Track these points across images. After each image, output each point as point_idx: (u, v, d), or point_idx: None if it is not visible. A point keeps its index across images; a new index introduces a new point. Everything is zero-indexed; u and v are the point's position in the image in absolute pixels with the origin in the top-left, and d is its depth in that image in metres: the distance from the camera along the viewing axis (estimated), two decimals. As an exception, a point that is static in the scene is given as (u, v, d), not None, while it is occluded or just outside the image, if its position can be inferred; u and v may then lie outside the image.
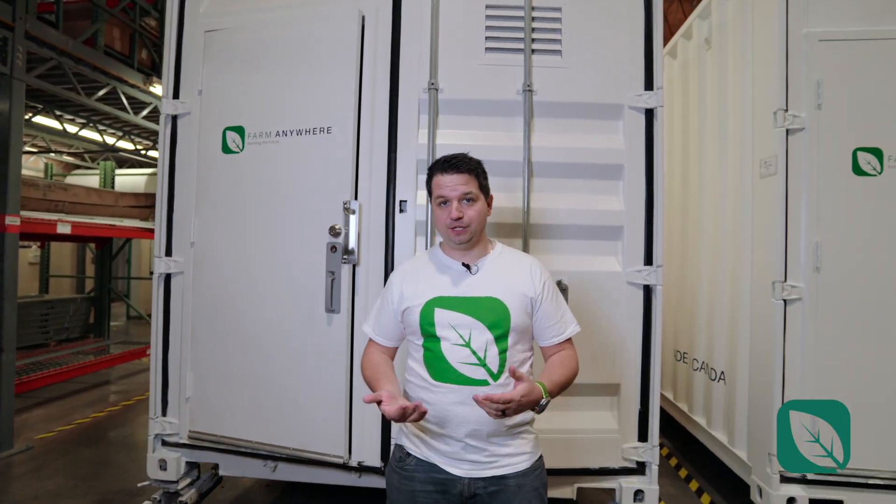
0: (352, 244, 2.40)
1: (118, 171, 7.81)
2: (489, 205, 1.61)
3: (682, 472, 3.49)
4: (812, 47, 2.54)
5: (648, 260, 2.44)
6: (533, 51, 2.45)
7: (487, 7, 2.48)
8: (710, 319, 3.23)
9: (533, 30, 2.46)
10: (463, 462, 1.49)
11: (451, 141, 2.44)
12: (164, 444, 2.65)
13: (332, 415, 2.40)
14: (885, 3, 2.54)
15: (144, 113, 5.67)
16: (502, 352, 1.48)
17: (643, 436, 2.42)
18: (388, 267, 2.43)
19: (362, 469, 2.42)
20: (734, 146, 3.01)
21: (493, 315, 1.49)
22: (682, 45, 3.81)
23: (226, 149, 2.59)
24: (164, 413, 2.64)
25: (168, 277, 2.67)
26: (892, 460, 2.45)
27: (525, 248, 2.36)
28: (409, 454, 1.56)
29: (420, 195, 2.44)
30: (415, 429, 1.54)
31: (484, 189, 1.58)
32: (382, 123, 2.45)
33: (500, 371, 1.47)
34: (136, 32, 5.18)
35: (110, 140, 7.00)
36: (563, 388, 1.50)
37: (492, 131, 2.48)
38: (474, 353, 1.48)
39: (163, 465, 2.62)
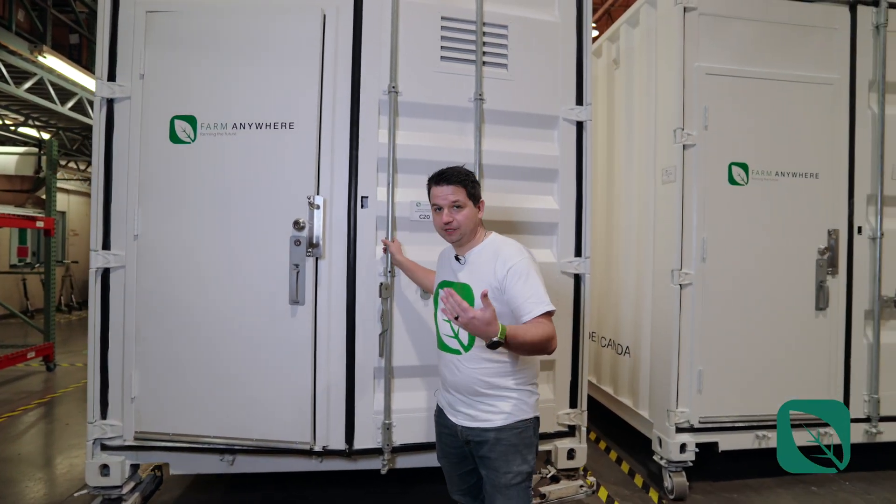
0: (316, 238, 2.47)
1: (-23, 149, 6.65)
2: (480, 208, 1.91)
3: (592, 435, 4.03)
4: (701, 79, 3.09)
5: (578, 252, 2.83)
6: (484, 63, 2.69)
7: (443, 18, 2.66)
8: (617, 303, 3.76)
9: (484, 43, 2.70)
10: (457, 413, 1.85)
11: (409, 141, 2.61)
12: (105, 448, 2.51)
13: (296, 403, 2.47)
14: (753, 49, 3.17)
15: (28, 85, 4.95)
16: None
17: (574, 403, 2.82)
18: (351, 260, 2.54)
19: (327, 453, 2.53)
20: (641, 155, 3.53)
21: (464, 298, 1.61)
22: (593, 61, 4.30)
23: (174, 138, 2.49)
24: (103, 416, 2.50)
25: (106, 272, 2.51)
26: (749, 407, 3.12)
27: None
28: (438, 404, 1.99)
29: (381, 191, 2.57)
30: (438, 384, 1.99)
31: (472, 196, 1.85)
32: (344, 121, 2.54)
33: (470, 345, 1.79)
34: (12, -9, 4.52)
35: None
36: (526, 343, 1.59)
37: (447, 134, 2.68)
38: (451, 328, 1.84)
39: (104, 470, 2.49)
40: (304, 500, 2.98)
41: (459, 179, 1.84)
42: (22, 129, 6.63)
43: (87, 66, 5.82)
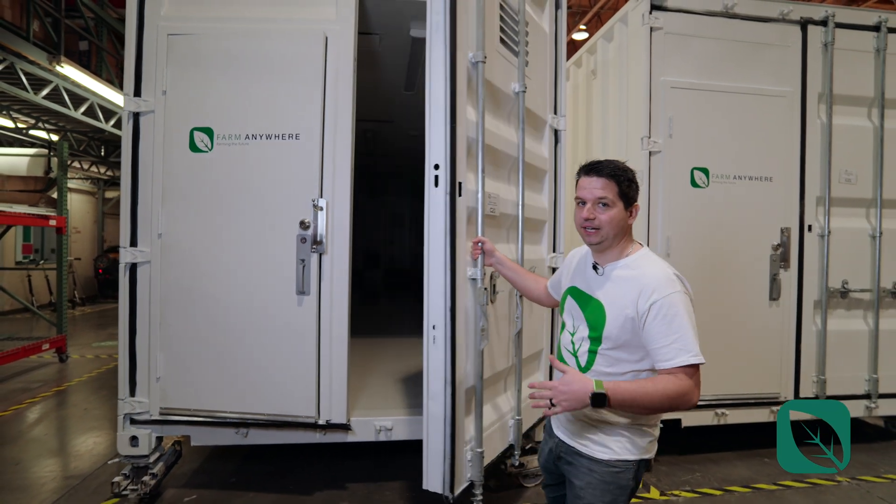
0: (320, 236, 2.80)
1: (-8, 151, 6.92)
2: (632, 213, 1.58)
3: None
4: (666, 91, 3.43)
5: (553, 248, 3.17)
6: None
7: (500, 7, 2.74)
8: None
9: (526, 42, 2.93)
10: (563, 426, 1.65)
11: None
12: (133, 422, 2.83)
13: (303, 381, 2.80)
14: (714, 65, 3.51)
15: (45, 92, 5.24)
16: (592, 352, 1.54)
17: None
18: (352, 255, 2.87)
19: (330, 427, 2.86)
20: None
21: (594, 317, 1.54)
22: (574, 71, 4.65)
23: (194, 147, 2.81)
24: (132, 394, 2.82)
25: (134, 267, 2.83)
26: (708, 388, 3.46)
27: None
28: None
29: (470, 178, 2.46)
30: None
31: (624, 196, 1.54)
32: (345, 133, 2.86)
33: (588, 367, 1.54)
34: (29, 2, 4.79)
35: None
36: (638, 401, 1.39)
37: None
38: (573, 342, 1.60)
39: (133, 441, 2.81)
40: (310, 468, 3.32)
41: (613, 173, 1.53)
42: (35, 132, 6.90)
43: (96, 71, 6.11)
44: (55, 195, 5.97)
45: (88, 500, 2.91)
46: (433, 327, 2.31)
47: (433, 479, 2.30)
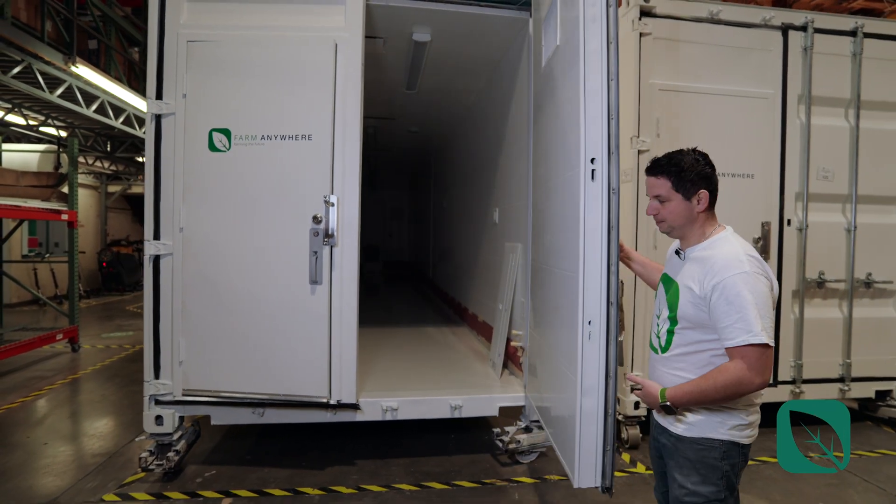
0: (331, 230, 3.01)
1: (5, 147, 7.09)
2: (699, 201, 1.62)
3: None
4: (654, 94, 3.64)
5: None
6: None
7: None
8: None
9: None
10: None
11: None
12: (157, 403, 3.05)
13: (315, 364, 3.03)
14: (700, 68, 3.72)
15: (59, 91, 5.42)
16: (670, 332, 1.65)
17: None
18: (361, 248, 3.09)
19: (340, 406, 3.09)
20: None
21: (673, 298, 1.64)
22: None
23: (212, 147, 3.01)
24: (156, 376, 3.04)
25: (157, 258, 3.04)
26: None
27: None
28: None
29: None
30: None
31: (682, 188, 1.60)
32: (354, 133, 3.06)
33: (667, 347, 1.65)
34: (43, 2, 4.95)
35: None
36: (699, 400, 1.52)
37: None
38: (658, 324, 1.73)
39: (158, 420, 3.04)
40: (321, 445, 3.55)
41: (663, 169, 1.63)
42: (44, 129, 7.06)
43: (105, 69, 6.28)
44: (65, 190, 6.16)
45: (117, 474, 3.13)
46: (589, 323, 2.21)
47: (586, 476, 2.20)
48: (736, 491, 1.61)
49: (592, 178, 2.26)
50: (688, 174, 1.60)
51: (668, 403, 1.54)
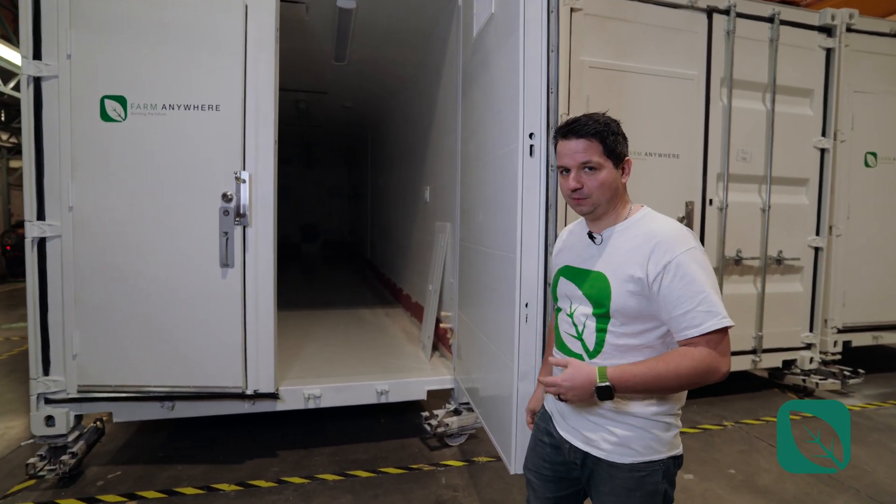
0: (243, 208, 2.78)
1: None
2: (625, 170, 1.38)
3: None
4: (585, 71, 3.60)
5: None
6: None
7: None
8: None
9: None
10: (570, 428, 1.42)
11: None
12: (49, 401, 2.75)
13: (229, 352, 2.82)
14: (629, 46, 3.71)
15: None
16: (600, 331, 1.34)
17: (474, 348, 3.34)
18: (275, 227, 2.88)
19: (258, 396, 2.91)
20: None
21: (595, 291, 1.35)
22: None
23: (105, 116, 2.69)
24: (46, 373, 2.74)
25: (42, 241, 2.70)
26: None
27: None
28: (544, 405, 1.57)
29: None
30: None
31: (612, 154, 1.33)
32: (268, 104, 2.83)
33: (598, 349, 1.34)
34: None
35: None
36: (649, 386, 1.25)
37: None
38: (574, 325, 1.40)
39: (49, 421, 2.74)
40: (242, 437, 3.36)
41: (595, 131, 1.32)
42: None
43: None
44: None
45: (2, 483, 2.81)
46: (525, 305, 2.13)
47: (520, 461, 2.06)
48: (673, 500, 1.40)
49: (531, 153, 2.15)
50: (618, 136, 1.34)
51: (609, 384, 1.24)
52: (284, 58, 3.01)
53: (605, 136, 1.32)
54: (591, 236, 1.41)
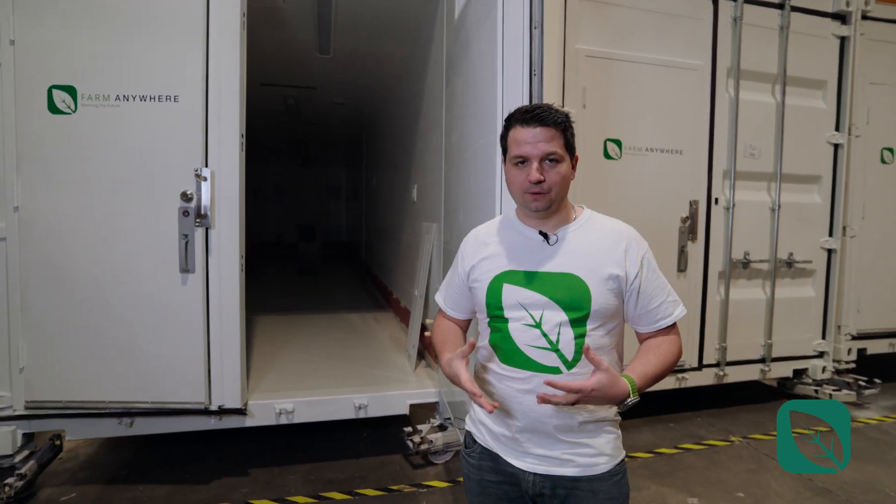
0: (204, 209, 2.56)
1: None
2: (574, 166, 1.30)
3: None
4: (580, 60, 3.35)
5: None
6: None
7: None
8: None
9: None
10: (527, 455, 1.28)
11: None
12: (-7, 418, 2.54)
13: (190, 365, 2.60)
14: (628, 34, 3.46)
15: None
16: (579, 336, 1.23)
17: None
18: (242, 229, 2.65)
19: (223, 412, 2.69)
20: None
21: (569, 294, 1.24)
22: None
23: (53, 108, 2.47)
24: (-12, 387, 2.52)
25: (-15, 244, 2.49)
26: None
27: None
28: (475, 441, 1.38)
29: None
30: (480, 414, 1.36)
31: (570, 148, 1.27)
32: (232, 96, 2.60)
33: (577, 358, 1.23)
34: None
35: None
36: (656, 381, 1.24)
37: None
38: (545, 335, 1.25)
39: (-7, 439, 2.53)
40: (212, 453, 3.13)
41: (558, 121, 1.23)
42: None
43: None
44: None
45: (-56, 506, 2.60)
46: None
47: None
48: None
49: None
50: (573, 130, 1.28)
51: (637, 396, 1.18)
52: (263, 48, 2.81)
53: (566, 127, 1.26)
54: (544, 235, 1.29)
